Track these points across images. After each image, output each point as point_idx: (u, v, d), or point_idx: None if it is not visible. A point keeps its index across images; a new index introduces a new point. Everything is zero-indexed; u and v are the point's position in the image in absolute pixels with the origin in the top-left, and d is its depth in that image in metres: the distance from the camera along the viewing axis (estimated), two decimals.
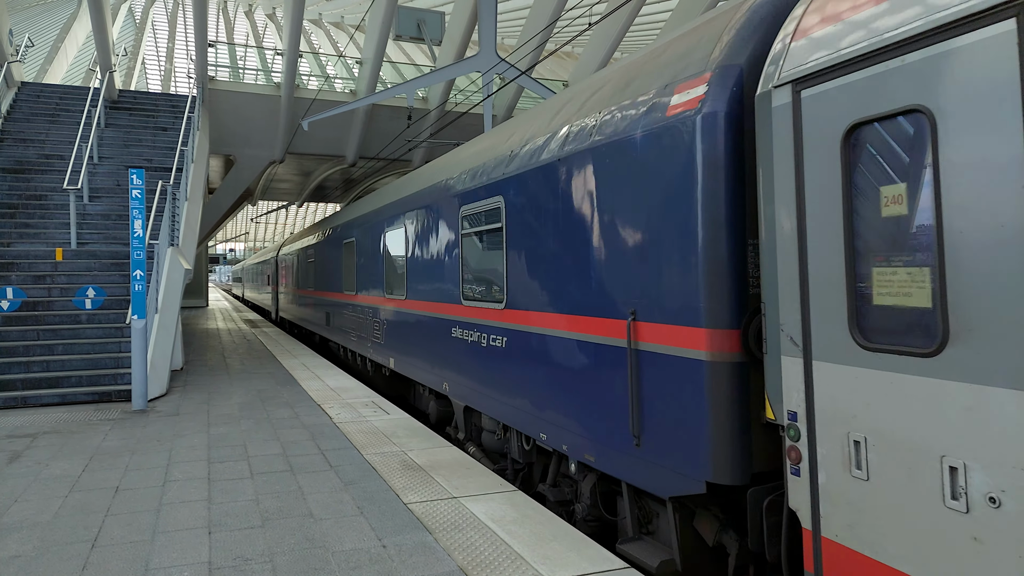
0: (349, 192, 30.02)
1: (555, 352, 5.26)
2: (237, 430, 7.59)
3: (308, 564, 4.00)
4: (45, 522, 4.78)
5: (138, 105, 17.52)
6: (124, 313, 10.89)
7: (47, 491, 5.49)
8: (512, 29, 36.65)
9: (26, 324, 10.44)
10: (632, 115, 4.45)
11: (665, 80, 4.30)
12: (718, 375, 3.72)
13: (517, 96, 19.98)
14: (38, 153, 14.42)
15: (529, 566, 3.94)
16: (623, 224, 4.43)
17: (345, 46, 22.02)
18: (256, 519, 4.77)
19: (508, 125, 7.02)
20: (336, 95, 19.89)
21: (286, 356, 14.51)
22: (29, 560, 4.12)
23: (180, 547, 4.29)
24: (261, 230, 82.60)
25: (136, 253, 9.13)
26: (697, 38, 4.28)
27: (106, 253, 11.97)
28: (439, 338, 8.02)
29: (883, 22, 2.80)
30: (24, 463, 6.33)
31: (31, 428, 7.80)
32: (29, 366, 9.57)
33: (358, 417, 8.20)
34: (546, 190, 5.40)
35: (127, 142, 15.64)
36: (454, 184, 7.54)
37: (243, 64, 23.99)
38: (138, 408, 8.84)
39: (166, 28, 45.57)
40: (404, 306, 9.43)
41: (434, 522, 4.66)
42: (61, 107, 16.38)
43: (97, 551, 4.25)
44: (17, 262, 11.25)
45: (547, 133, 5.63)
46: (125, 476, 5.89)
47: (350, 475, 5.82)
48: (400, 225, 9.65)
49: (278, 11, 42.84)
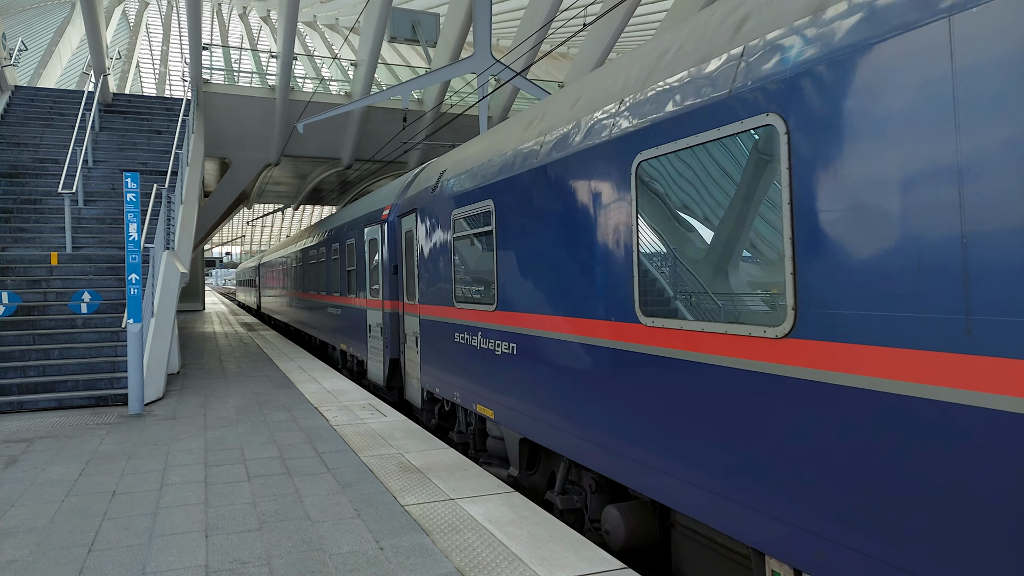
0: (345, 194, 30.00)
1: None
2: (234, 433, 7.58)
3: (305, 567, 4.00)
4: (41, 526, 4.77)
5: (132, 108, 17.48)
6: (120, 317, 10.87)
7: (43, 495, 5.48)
8: (507, 30, 36.67)
9: (22, 328, 10.41)
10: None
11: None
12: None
13: (513, 97, 19.99)
14: (32, 157, 14.39)
15: (527, 567, 3.95)
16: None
17: (340, 48, 22.02)
18: (253, 522, 4.77)
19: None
20: (331, 97, 19.87)
21: (282, 359, 14.49)
22: (26, 565, 4.11)
23: (177, 551, 4.29)
24: (257, 233, 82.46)
25: (131, 257, 9.12)
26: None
27: (101, 257, 11.94)
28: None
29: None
30: (20, 468, 6.31)
31: (27, 432, 7.78)
32: (25, 371, 9.55)
33: (355, 419, 8.20)
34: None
35: (122, 146, 15.61)
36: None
37: (238, 67, 23.99)
38: (135, 412, 8.82)
39: (160, 31, 45.51)
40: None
41: (431, 524, 4.67)
42: (55, 111, 16.35)
43: (94, 555, 4.25)
44: (12, 266, 11.22)
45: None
46: (122, 480, 5.88)
47: (347, 477, 5.82)
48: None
49: (272, 13, 42.78)
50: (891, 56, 2.63)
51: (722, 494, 3.48)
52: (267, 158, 19.86)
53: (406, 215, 9.32)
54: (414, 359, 9.19)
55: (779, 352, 3.11)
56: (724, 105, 3.46)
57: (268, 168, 20.72)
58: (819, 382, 2.92)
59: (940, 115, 2.45)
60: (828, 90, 2.90)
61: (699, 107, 3.64)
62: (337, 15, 42.56)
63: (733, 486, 3.40)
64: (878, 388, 2.66)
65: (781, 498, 3.10)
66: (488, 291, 6.55)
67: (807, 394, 2.96)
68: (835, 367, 2.84)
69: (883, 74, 2.66)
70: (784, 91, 3.11)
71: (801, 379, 3.00)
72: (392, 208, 10.23)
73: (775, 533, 3.14)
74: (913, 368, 2.53)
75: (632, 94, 4.44)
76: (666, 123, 3.91)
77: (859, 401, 2.74)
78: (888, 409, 2.64)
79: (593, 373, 4.70)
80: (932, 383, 2.47)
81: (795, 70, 3.07)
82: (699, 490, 3.64)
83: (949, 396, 2.42)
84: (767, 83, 3.21)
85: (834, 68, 2.87)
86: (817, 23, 3.02)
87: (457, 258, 7.39)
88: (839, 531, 2.82)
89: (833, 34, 2.91)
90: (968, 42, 2.35)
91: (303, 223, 74.46)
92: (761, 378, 3.22)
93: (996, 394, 2.27)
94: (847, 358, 2.79)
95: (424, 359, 8.65)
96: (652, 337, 4.00)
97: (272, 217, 72.50)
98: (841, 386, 2.82)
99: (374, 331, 11.03)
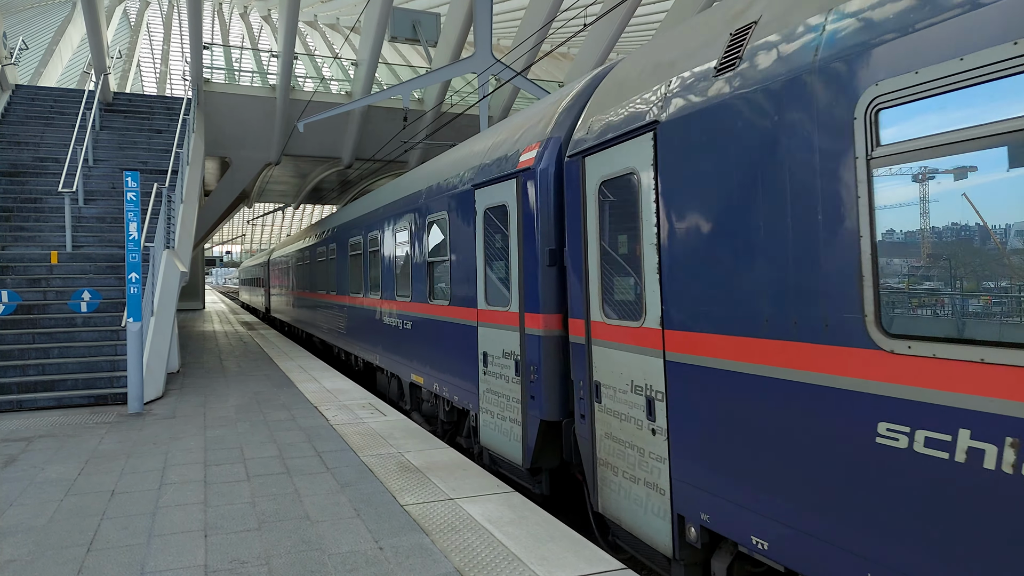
0: (346, 194, 30.00)
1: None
2: (233, 432, 7.58)
3: (304, 567, 4.00)
4: (40, 526, 4.77)
5: (133, 107, 17.49)
6: (120, 316, 10.86)
7: (43, 495, 5.48)
8: (508, 30, 36.68)
9: (21, 327, 10.40)
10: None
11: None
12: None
13: (513, 97, 20.00)
14: (33, 156, 14.39)
15: (526, 567, 3.94)
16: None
17: (340, 48, 22.02)
18: (252, 522, 4.76)
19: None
20: (332, 97, 19.88)
21: (282, 358, 14.49)
22: (24, 564, 4.11)
23: (176, 550, 4.28)
24: (258, 232, 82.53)
25: (131, 256, 9.11)
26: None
27: (101, 256, 11.94)
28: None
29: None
30: (20, 467, 6.31)
31: (27, 432, 7.78)
32: (25, 369, 9.54)
33: (355, 419, 8.19)
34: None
35: (122, 145, 15.61)
36: None
37: (238, 66, 24.00)
38: (134, 411, 8.82)
39: (161, 30, 45.52)
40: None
41: (431, 524, 4.66)
42: (56, 110, 16.35)
43: (93, 555, 4.24)
44: (12, 265, 11.22)
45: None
46: (121, 479, 5.87)
47: (347, 477, 5.82)
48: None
49: (273, 13, 42.80)
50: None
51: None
52: (267, 157, 19.86)
53: (597, 150, 4.97)
54: (638, 440, 4.57)
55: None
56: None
57: (268, 167, 20.72)
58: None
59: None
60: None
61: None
62: (338, 14, 42.57)
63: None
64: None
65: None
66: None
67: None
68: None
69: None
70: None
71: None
72: (545, 146, 5.80)
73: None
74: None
75: None
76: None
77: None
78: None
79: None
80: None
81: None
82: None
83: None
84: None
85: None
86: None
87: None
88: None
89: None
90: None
91: (303, 223, 74.45)
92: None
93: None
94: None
95: (697, 452, 4.02)
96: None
97: (272, 216, 72.56)
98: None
99: (499, 364, 6.43)
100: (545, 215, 5.70)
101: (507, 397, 6.29)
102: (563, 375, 5.64)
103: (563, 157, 5.68)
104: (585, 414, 5.19)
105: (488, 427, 6.68)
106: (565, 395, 5.65)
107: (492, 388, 6.58)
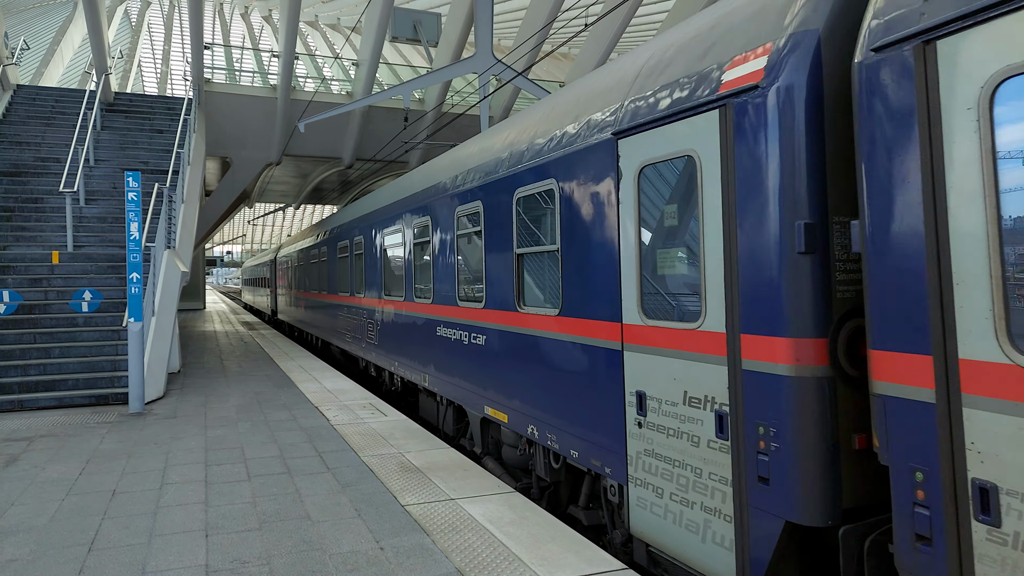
0: (347, 194, 30.01)
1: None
2: (234, 432, 7.58)
3: (305, 567, 4.00)
4: (41, 526, 4.77)
5: (134, 107, 17.50)
6: (121, 316, 10.87)
7: (44, 494, 5.48)
8: (509, 30, 36.68)
9: (23, 327, 10.41)
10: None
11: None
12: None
13: (514, 97, 20.00)
14: (34, 156, 14.40)
15: (527, 567, 3.94)
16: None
17: (341, 48, 22.04)
18: (253, 521, 4.77)
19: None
20: (332, 97, 19.89)
21: (283, 358, 14.49)
22: (26, 564, 4.11)
23: (177, 550, 4.28)
24: (259, 232, 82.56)
25: (132, 256, 9.12)
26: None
27: (102, 256, 11.95)
28: None
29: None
30: (21, 466, 6.31)
31: (28, 431, 7.78)
32: (26, 369, 9.55)
33: (355, 419, 8.20)
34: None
35: (123, 145, 15.62)
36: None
37: (239, 66, 24.01)
38: (135, 411, 8.83)
39: (162, 30, 45.54)
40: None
41: (432, 524, 4.66)
42: (57, 110, 16.36)
43: (94, 554, 4.25)
44: (13, 265, 11.23)
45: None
46: (122, 479, 5.88)
47: (347, 477, 5.82)
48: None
49: (274, 13, 42.82)
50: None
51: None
52: (268, 157, 19.87)
53: (969, 24, 2.62)
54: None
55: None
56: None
57: (269, 167, 20.73)
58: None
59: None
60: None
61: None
62: (339, 15, 42.59)
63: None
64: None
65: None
66: None
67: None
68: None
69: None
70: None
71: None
72: (786, 48, 3.52)
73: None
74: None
75: None
76: None
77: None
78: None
79: None
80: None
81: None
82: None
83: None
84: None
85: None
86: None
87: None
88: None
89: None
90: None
91: (303, 223, 74.47)
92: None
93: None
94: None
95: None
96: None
97: (273, 216, 72.56)
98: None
99: (674, 416, 4.13)
100: (796, 166, 3.44)
101: (697, 471, 3.95)
102: (830, 443, 3.37)
103: (822, 64, 3.47)
104: (935, 535, 2.76)
105: (653, 512, 4.31)
106: (835, 479, 3.37)
107: (659, 451, 4.25)
